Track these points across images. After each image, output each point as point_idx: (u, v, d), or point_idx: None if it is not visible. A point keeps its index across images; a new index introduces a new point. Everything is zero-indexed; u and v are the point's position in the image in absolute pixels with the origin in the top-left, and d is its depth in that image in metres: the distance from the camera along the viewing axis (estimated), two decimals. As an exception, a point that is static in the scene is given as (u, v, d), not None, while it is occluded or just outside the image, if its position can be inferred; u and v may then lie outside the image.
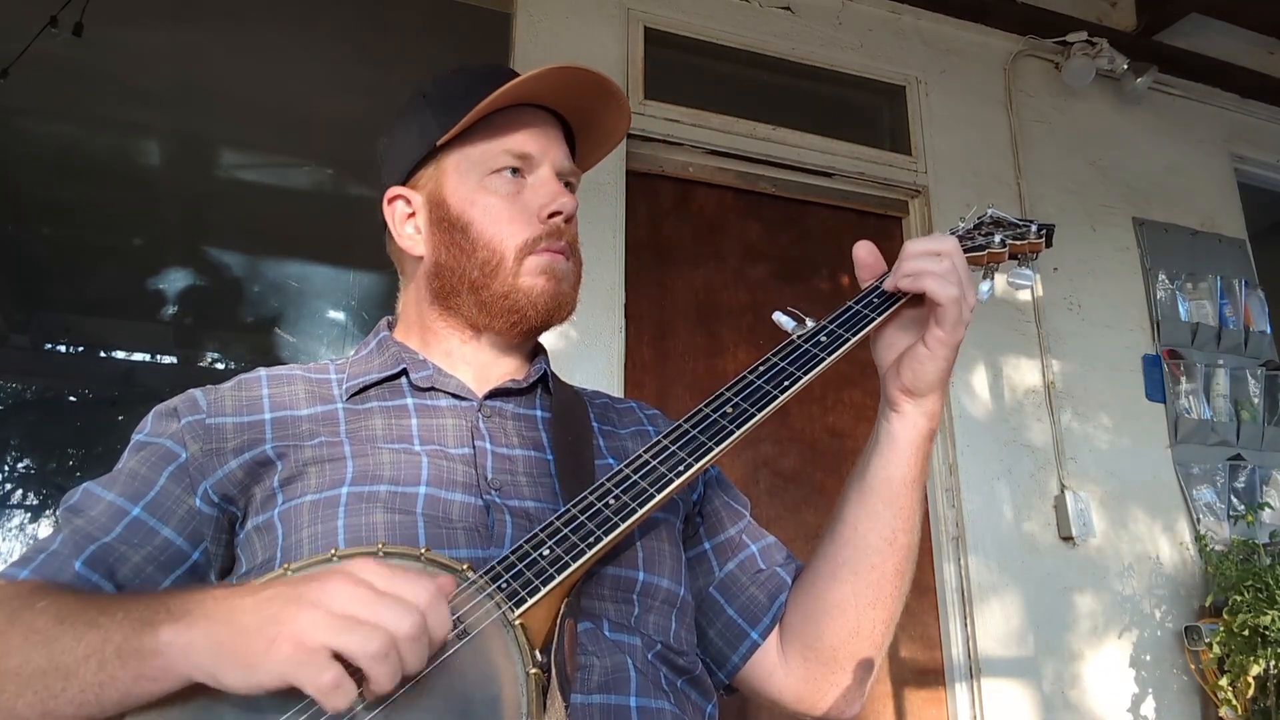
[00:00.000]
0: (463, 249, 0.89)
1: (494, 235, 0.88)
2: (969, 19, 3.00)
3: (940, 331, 0.81)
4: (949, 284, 0.80)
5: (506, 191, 0.90)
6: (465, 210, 0.90)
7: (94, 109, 3.59)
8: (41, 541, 0.81)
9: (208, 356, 5.69)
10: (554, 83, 0.90)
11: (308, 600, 0.58)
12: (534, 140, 0.91)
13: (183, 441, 0.83)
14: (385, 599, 0.58)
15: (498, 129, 0.91)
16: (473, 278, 0.89)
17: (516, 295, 0.88)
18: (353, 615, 0.57)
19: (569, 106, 0.95)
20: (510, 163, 0.90)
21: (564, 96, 0.93)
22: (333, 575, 0.59)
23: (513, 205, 0.89)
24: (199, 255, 4.66)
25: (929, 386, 0.84)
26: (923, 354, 0.82)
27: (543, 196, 0.90)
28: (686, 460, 0.75)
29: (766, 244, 2.61)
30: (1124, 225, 3.00)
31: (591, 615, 0.77)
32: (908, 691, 2.32)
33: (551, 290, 0.89)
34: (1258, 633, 2.19)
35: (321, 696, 0.55)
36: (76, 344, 5.44)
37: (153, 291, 4.89)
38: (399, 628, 0.57)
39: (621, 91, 0.95)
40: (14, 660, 0.63)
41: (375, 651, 0.56)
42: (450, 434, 0.86)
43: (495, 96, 0.86)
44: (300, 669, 0.55)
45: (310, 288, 4.92)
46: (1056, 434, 2.62)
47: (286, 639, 0.56)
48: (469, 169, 0.91)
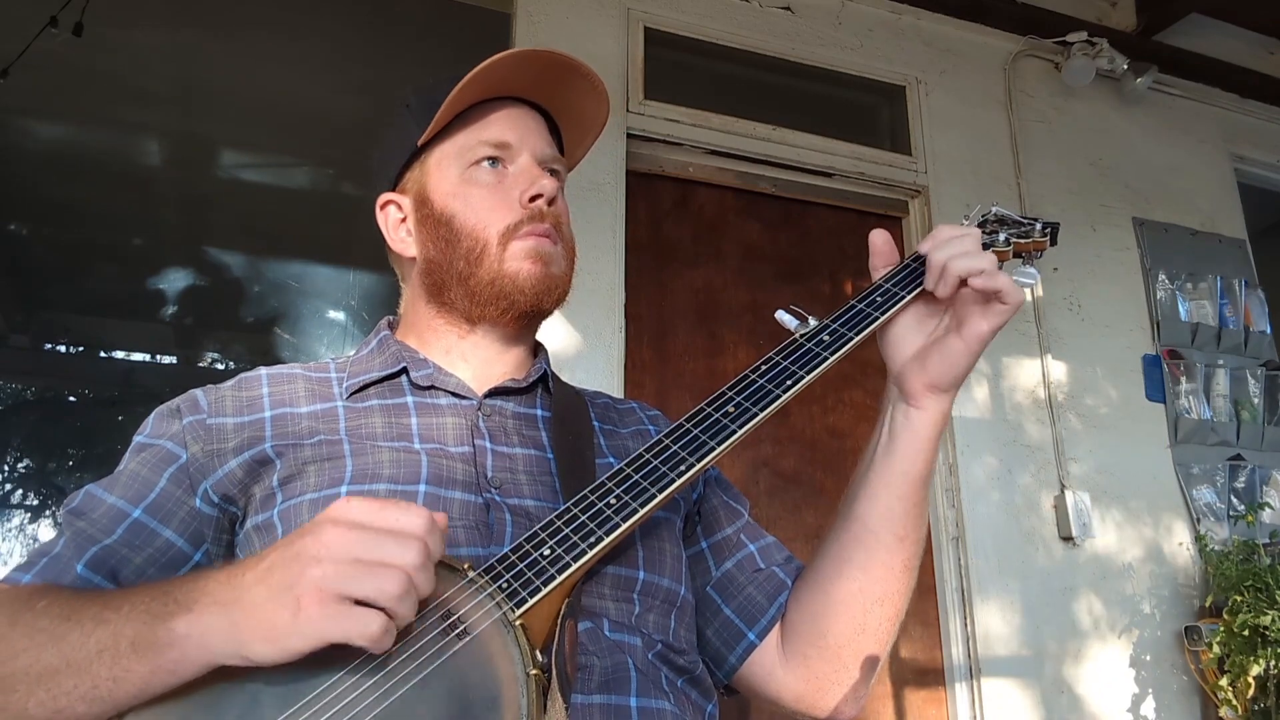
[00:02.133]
0: (448, 241, 0.90)
1: (476, 223, 0.89)
2: (969, 19, 3.00)
3: (986, 327, 0.81)
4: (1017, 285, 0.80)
5: (487, 181, 0.91)
6: (448, 203, 0.90)
7: (94, 109, 3.59)
8: (43, 545, 0.81)
9: (208, 356, 5.68)
10: (523, 70, 0.91)
11: (309, 556, 0.58)
12: (511, 129, 0.92)
13: (183, 442, 0.83)
14: (384, 535, 0.59)
15: (475, 122, 0.92)
16: (459, 269, 0.89)
17: (503, 281, 0.88)
18: (360, 558, 0.57)
19: (546, 96, 0.96)
20: (488, 152, 0.91)
21: (538, 85, 0.94)
22: (322, 525, 0.59)
23: (494, 194, 0.90)
24: (199, 255, 4.65)
25: (956, 382, 0.83)
26: (957, 349, 0.82)
27: (523, 182, 0.90)
28: (688, 459, 0.74)
29: (766, 244, 2.61)
30: (1124, 225, 3.00)
31: (592, 614, 0.77)
32: (908, 691, 2.32)
33: (539, 273, 0.88)
34: (1258, 633, 2.19)
35: (374, 644, 0.56)
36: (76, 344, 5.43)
37: (153, 291, 4.88)
38: (406, 560, 0.58)
39: (595, 74, 0.96)
40: (22, 660, 0.63)
41: (397, 591, 0.57)
42: (450, 432, 0.86)
43: (463, 84, 0.87)
44: (340, 623, 0.56)
45: (310, 288, 4.91)
46: (1056, 434, 2.61)
47: (310, 600, 0.56)
48: (450, 164, 0.92)
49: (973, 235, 0.84)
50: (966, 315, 0.81)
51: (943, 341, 0.83)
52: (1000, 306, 0.80)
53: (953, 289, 0.82)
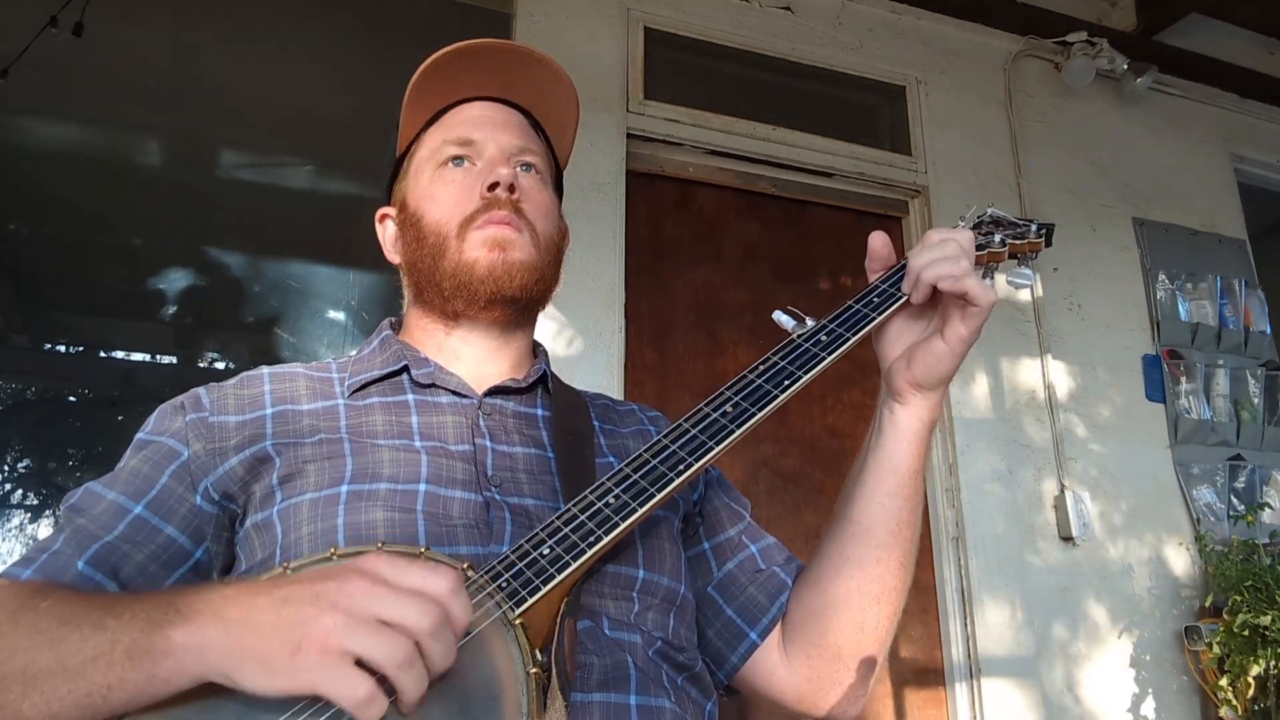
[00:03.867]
0: (419, 240, 0.92)
1: (439, 219, 0.91)
2: (969, 19, 3.00)
3: (965, 330, 0.81)
4: (989, 288, 0.81)
5: (454, 179, 0.93)
6: (419, 205, 0.94)
7: (94, 109, 3.59)
8: (44, 541, 0.80)
9: (208, 356, 5.68)
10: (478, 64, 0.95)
11: (327, 601, 0.57)
12: (476, 127, 0.95)
13: (185, 439, 0.83)
14: (405, 596, 0.57)
15: (444, 127, 0.96)
16: (427, 265, 0.91)
17: (462, 271, 0.89)
18: (375, 615, 0.56)
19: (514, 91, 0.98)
20: (453, 152, 0.94)
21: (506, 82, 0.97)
22: (349, 573, 0.59)
23: (458, 189, 0.92)
24: (199, 255, 4.65)
25: (939, 382, 0.84)
26: (940, 351, 0.83)
27: (484, 174, 0.92)
28: (686, 459, 0.75)
29: (766, 244, 2.61)
30: (1124, 225, 3.00)
31: (591, 613, 0.77)
32: (908, 691, 2.32)
33: (495, 259, 0.89)
34: (1258, 633, 2.19)
35: (356, 710, 0.54)
36: (76, 344, 5.43)
37: (153, 291, 4.88)
38: (421, 625, 0.56)
39: (551, 59, 0.98)
40: (19, 661, 0.63)
41: (402, 660, 0.55)
42: (450, 431, 0.86)
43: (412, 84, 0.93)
44: (330, 680, 0.54)
45: (310, 288, 4.91)
46: (1056, 434, 2.62)
47: (312, 645, 0.55)
48: (423, 168, 0.95)
49: (959, 239, 0.84)
50: (948, 318, 0.83)
51: (928, 342, 0.84)
52: (972, 309, 0.81)
53: (925, 295, 0.83)
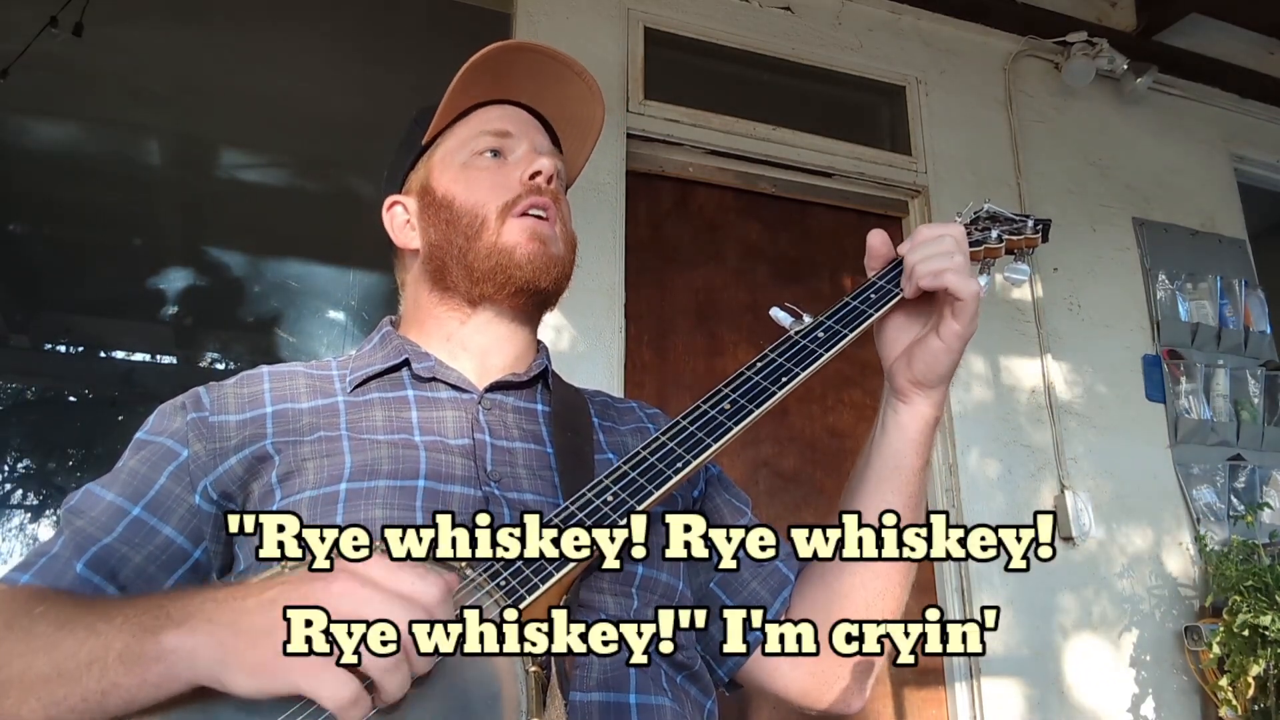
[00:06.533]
0: (449, 222, 0.92)
1: (476, 201, 0.91)
2: (969, 19, 3.00)
3: (957, 325, 0.81)
4: (971, 280, 0.81)
5: (491, 168, 0.93)
6: (450, 189, 0.93)
7: (94, 109, 3.59)
8: (42, 544, 0.80)
9: (208, 356, 5.68)
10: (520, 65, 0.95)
11: (313, 604, 0.57)
12: (512, 122, 0.96)
13: (185, 439, 0.83)
14: (392, 599, 0.57)
15: (476, 119, 0.96)
16: (459, 245, 0.91)
17: (500, 254, 0.89)
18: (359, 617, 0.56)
19: (543, 101, 0.99)
20: (490, 143, 0.94)
21: (538, 90, 0.97)
22: (338, 574, 0.59)
23: (494, 175, 0.93)
24: (199, 255, 4.65)
25: (940, 379, 0.84)
26: (936, 347, 0.83)
27: (522, 165, 0.93)
28: (685, 457, 0.74)
29: (766, 244, 2.61)
30: (1124, 225, 3.00)
31: (590, 609, 0.77)
32: (908, 691, 2.32)
33: (537, 250, 0.89)
34: (1258, 633, 2.19)
35: (339, 711, 0.54)
36: (76, 344, 5.43)
37: (153, 291, 4.88)
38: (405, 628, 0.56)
39: (590, 74, 0.98)
40: (16, 667, 0.63)
41: (387, 664, 0.55)
42: (450, 425, 0.86)
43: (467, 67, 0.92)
44: (315, 681, 0.54)
45: (310, 288, 4.91)
46: (1056, 434, 2.61)
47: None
48: (453, 156, 0.95)
49: (950, 234, 0.84)
50: (943, 314, 0.82)
51: (926, 340, 0.84)
52: (959, 303, 0.80)
53: (917, 290, 0.83)
